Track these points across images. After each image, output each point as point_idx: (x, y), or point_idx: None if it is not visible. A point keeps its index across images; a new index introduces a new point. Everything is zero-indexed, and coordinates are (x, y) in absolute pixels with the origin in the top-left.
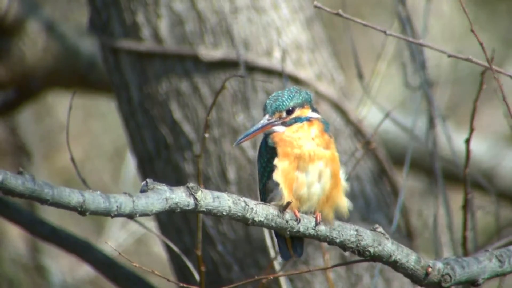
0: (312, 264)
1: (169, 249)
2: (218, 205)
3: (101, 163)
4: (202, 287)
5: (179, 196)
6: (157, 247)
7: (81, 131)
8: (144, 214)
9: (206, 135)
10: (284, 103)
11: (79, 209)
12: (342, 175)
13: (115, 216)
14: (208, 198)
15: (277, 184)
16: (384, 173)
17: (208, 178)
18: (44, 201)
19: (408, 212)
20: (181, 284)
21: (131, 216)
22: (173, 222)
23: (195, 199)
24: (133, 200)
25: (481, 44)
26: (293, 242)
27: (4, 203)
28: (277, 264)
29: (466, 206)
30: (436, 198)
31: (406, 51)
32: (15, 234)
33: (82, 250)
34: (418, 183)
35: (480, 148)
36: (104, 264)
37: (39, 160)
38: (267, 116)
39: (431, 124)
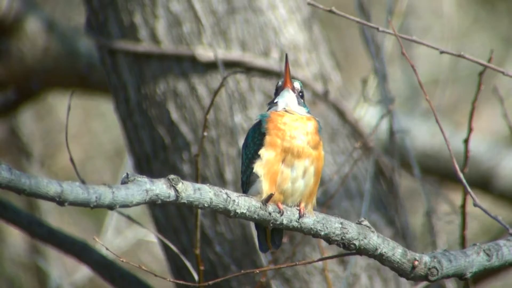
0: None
1: (166, 249)
2: (199, 197)
3: (101, 163)
4: (201, 286)
5: (160, 188)
6: (155, 247)
7: (81, 131)
8: (124, 206)
9: (205, 134)
10: (300, 85)
11: (57, 199)
12: None
13: (95, 207)
14: (189, 190)
15: (258, 177)
16: (381, 173)
17: (205, 179)
18: (21, 191)
19: (405, 212)
20: (181, 283)
21: (110, 207)
22: (170, 222)
23: (176, 190)
24: (112, 191)
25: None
26: (272, 235)
27: (2, 204)
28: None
29: (464, 206)
30: (396, 205)
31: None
32: (16, 234)
33: (79, 251)
34: (417, 183)
35: (480, 148)
36: (101, 265)
37: (39, 160)
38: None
39: (391, 137)
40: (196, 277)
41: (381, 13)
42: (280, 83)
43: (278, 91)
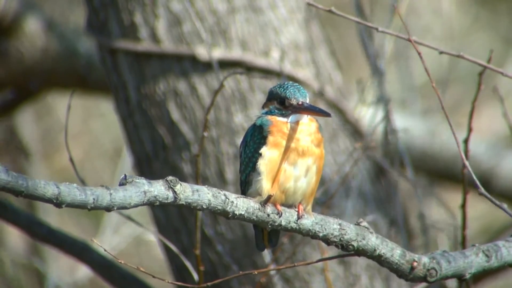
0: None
1: (166, 250)
2: (198, 198)
3: (101, 163)
4: (201, 286)
5: (158, 189)
6: (155, 246)
7: (81, 131)
8: (122, 207)
9: (205, 134)
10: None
11: (55, 201)
12: None
13: (92, 208)
14: (187, 191)
15: (259, 175)
16: (382, 172)
17: (206, 178)
18: (18, 193)
19: (407, 212)
20: (180, 284)
21: (108, 209)
22: (170, 222)
23: (174, 192)
24: (110, 193)
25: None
26: (269, 234)
27: (1, 204)
28: (274, 265)
29: (465, 206)
30: (396, 205)
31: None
32: (15, 234)
33: (79, 251)
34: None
35: (479, 148)
36: (101, 265)
37: (39, 160)
38: (307, 100)
39: (387, 138)
40: (196, 277)
41: (380, 12)
42: (295, 102)
43: (291, 108)
